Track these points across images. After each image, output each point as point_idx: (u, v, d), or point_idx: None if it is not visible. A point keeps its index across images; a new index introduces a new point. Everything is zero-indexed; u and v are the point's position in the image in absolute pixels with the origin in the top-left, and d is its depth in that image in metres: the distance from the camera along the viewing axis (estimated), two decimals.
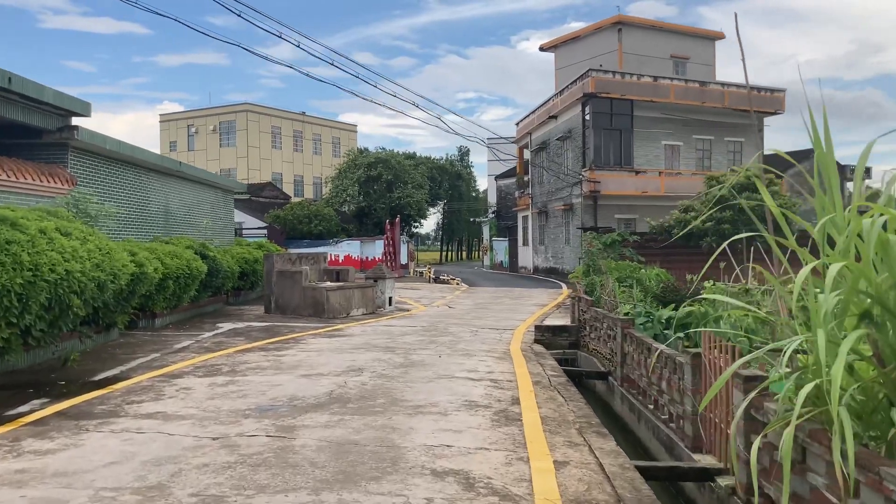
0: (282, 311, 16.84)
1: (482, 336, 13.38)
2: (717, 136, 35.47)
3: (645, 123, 33.37)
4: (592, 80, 31.24)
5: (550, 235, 38.07)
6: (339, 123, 77.96)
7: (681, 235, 25.91)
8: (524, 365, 10.14)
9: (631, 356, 9.49)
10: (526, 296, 24.55)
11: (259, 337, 12.91)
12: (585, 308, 12.79)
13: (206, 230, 19.94)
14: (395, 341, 12.36)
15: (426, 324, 15.31)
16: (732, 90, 34.39)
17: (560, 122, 36.30)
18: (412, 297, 23.61)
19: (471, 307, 19.92)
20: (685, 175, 33.83)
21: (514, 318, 16.80)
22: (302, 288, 16.48)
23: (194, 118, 68.99)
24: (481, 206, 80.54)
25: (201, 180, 21.41)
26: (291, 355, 10.68)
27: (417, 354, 10.84)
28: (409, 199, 49.35)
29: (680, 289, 21.39)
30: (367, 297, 17.46)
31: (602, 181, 31.52)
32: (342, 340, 12.42)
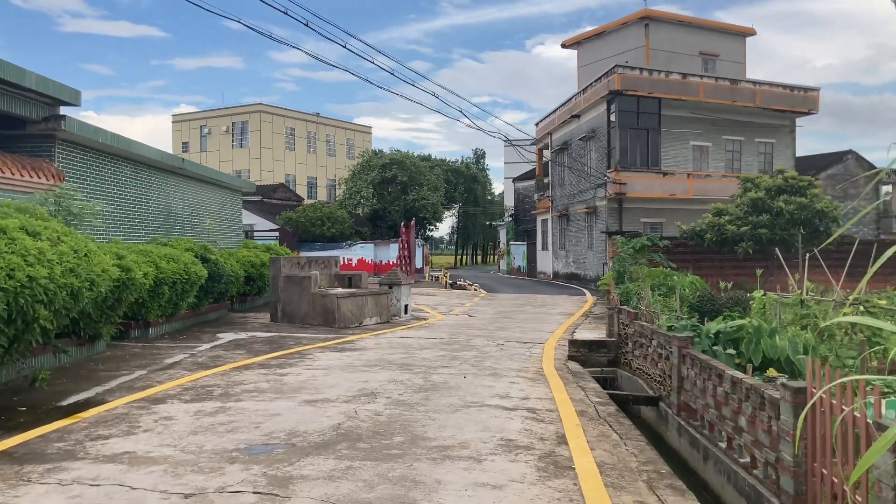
0: (289, 320, 15.54)
1: (509, 351, 12.00)
2: (748, 136, 33.89)
3: (672, 123, 31.86)
4: (619, 76, 29.79)
5: (572, 239, 36.60)
6: (353, 125, 76.83)
7: (714, 241, 24.48)
8: (563, 389, 8.77)
9: (691, 381, 8.09)
10: (550, 303, 23.13)
11: (261, 350, 11.60)
12: (627, 321, 11.39)
13: (210, 231, 18.69)
14: (412, 357, 11.01)
15: (446, 335, 13.95)
16: (764, 89, 32.82)
17: (583, 122, 34.85)
18: (429, 303, 22.26)
19: (492, 316, 18.54)
20: (715, 177, 32.28)
21: (541, 330, 15.41)
22: (311, 295, 15.17)
23: (207, 119, 68.07)
24: (497, 210, 79.13)
25: (207, 179, 20.18)
26: (295, 374, 9.35)
27: (439, 374, 9.48)
28: (424, 202, 48.02)
29: (716, 298, 19.94)
30: (381, 304, 16.13)
31: (628, 183, 30.04)
32: (353, 356, 11.09)
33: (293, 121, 68.30)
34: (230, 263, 16.54)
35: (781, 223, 23.49)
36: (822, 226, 23.81)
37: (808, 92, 33.82)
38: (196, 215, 19.19)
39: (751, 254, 23.87)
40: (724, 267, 27.14)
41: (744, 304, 19.11)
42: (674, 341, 8.73)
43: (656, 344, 9.66)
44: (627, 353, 11.33)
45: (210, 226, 18.39)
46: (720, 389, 7.02)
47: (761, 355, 9.97)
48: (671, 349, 8.87)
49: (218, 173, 20.99)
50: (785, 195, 23.85)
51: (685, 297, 19.06)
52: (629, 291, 16.20)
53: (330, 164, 71.58)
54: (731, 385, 6.70)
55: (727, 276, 26.61)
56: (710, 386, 7.34)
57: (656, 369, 9.67)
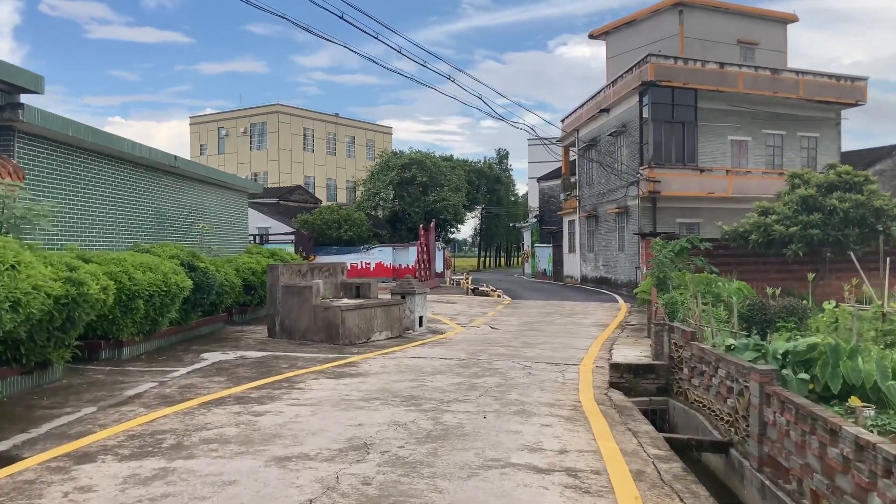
0: (288, 335, 13.79)
1: (539, 376, 10.13)
2: (790, 130, 31.62)
3: (709, 116, 29.72)
4: (651, 66, 27.73)
5: (601, 242, 34.56)
6: (373, 125, 75.27)
7: (760, 242, 22.37)
8: (609, 435, 6.89)
9: (781, 430, 6.17)
10: (580, 312, 21.18)
11: (245, 377, 9.84)
12: (682, 342, 9.46)
13: (205, 235, 17.02)
14: (422, 386, 9.18)
15: (464, 355, 12.10)
16: (808, 79, 30.54)
17: (612, 116, 32.80)
18: (447, 313, 20.42)
19: (517, 328, 16.66)
20: (755, 174, 30.07)
21: (573, 346, 13.51)
22: (312, 307, 13.41)
23: (224, 120, 66.89)
24: (521, 211, 77.12)
25: (205, 179, 18.56)
26: (275, 413, 7.56)
27: (452, 412, 7.64)
28: (445, 203, 46.17)
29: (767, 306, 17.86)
30: (391, 317, 14.33)
31: (662, 180, 27.95)
32: (352, 384, 9.28)
33: (312, 122, 66.89)
34: (225, 271, 14.85)
35: (835, 223, 21.31)
36: (881, 225, 21.59)
37: (856, 81, 31.49)
38: (193, 219, 17.55)
39: (801, 256, 21.74)
40: (767, 271, 24.99)
41: (800, 313, 17.08)
42: (752, 374, 6.82)
43: (724, 374, 7.74)
44: (682, 381, 9.40)
45: (204, 229, 16.72)
46: (833, 451, 5.11)
47: (841, 381, 8.07)
48: (747, 384, 6.97)
49: (218, 173, 19.36)
50: (838, 192, 21.66)
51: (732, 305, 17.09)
52: (675, 302, 14.23)
53: (350, 166, 70.05)
54: (856, 449, 4.79)
55: (772, 280, 24.45)
56: (815, 443, 5.43)
57: (724, 405, 7.75)
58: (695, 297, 13.38)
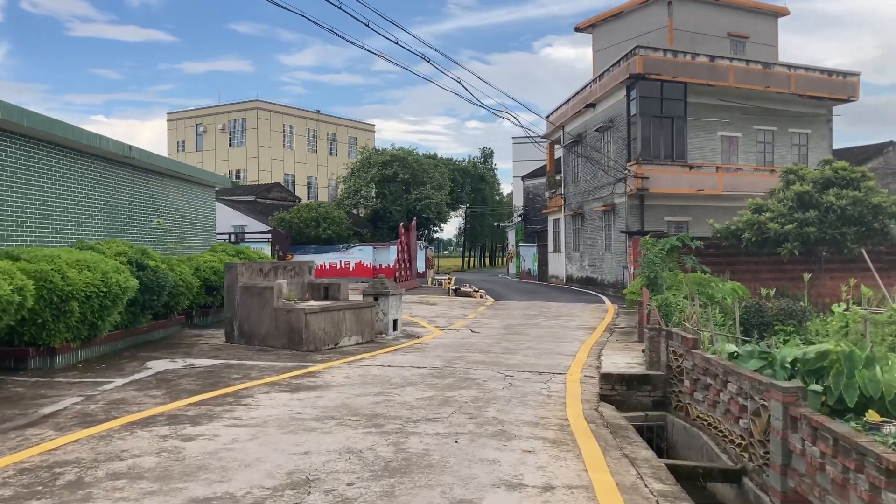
0: (247, 340, 12.59)
1: (520, 387, 9.01)
2: (781, 126, 30.74)
3: (699, 111, 28.75)
4: (640, 58, 26.70)
5: (587, 241, 33.52)
6: (355, 123, 73.90)
7: (753, 241, 21.42)
8: (603, 463, 5.79)
9: (813, 462, 5.10)
10: (566, 314, 20.10)
11: (188, 390, 8.65)
12: (682, 350, 8.37)
13: (162, 231, 15.78)
14: (388, 401, 8.03)
15: (440, 362, 10.96)
16: (800, 73, 29.65)
17: (599, 111, 31.77)
18: (426, 315, 19.27)
19: (499, 332, 15.55)
20: (746, 171, 29.14)
21: (559, 352, 12.41)
22: (273, 309, 12.22)
23: (203, 117, 65.29)
24: (505, 211, 76.11)
25: (166, 171, 17.30)
26: (208, 437, 6.39)
27: (419, 435, 6.51)
28: (427, 202, 44.97)
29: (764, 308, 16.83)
30: (362, 320, 13.16)
31: (651, 177, 26.92)
32: (307, 399, 8.12)
33: (292, 118, 65.44)
34: (180, 270, 13.63)
35: (831, 220, 20.40)
36: (878, 223, 20.71)
37: (848, 77, 30.66)
38: (151, 214, 16.30)
39: (796, 255, 20.80)
40: (760, 271, 24.07)
41: (798, 315, 16.11)
42: (772, 392, 5.74)
43: (735, 390, 6.66)
44: (682, 394, 8.32)
45: (159, 224, 15.47)
46: (892, 497, 4.03)
47: (857, 392, 7.03)
48: (766, 402, 5.89)
49: (181, 165, 18.10)
50: (835, 188, 20.76)
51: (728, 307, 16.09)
52: (669, 304, 13.17)
53: (331, 164, 68.65)
54: None
55: (764, 281, 23.49)
56: (864, 484, 4.35)
57: (735, 426, 6.68)
58: (690, 299, 12.34)
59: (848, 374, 7.24)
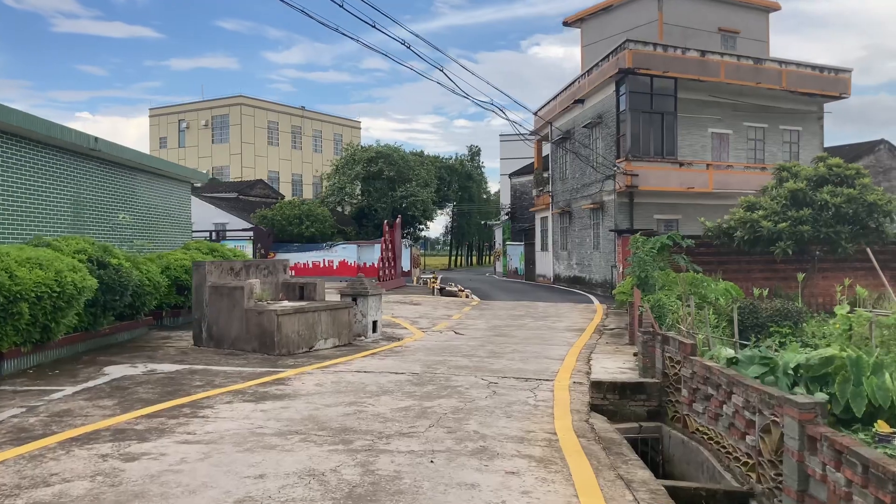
0: (216, 343, 11.87)
1: (505, 395, 8.36)
2: (772, 123, 30.27)
3: (689, 107, 28.22)
4: (629, 53, 26.12)
5: (575, 239, 32.94)
6: (341, 119, 73.04)
7: (746, 240, 20.87)
8: (595, 487, 5.16)
9: (835, 489, 4.47)
10: (553, 314, 19.48)
11: (143, 399, 7.94)
12: (679, 356, 7.74)
13: (128, 228, 15.03)
14: (360, 412, 7.36)
15: (420, 367, 10.29)
16: (791, 69, 29.18)
17: (588, 107, 31.18)
18: (409, 315, 18.59)
19: (484, 334, 14.89)
20: (737, 169, 28.66)
21: (546, 356, 11.76)
22: (243, 311, 11.51)
23: (185, 112, 64.24)
24: (493, 209, 75.53)
25: (137, 165, 16.54)
26: (153, 457, 5.69)
27: (391, 453, 5.84)
28: (413, 199, 44.26)
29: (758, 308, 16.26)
30: (339, 322, 12.46)
31: (640, 174, 26.34)
32: (272, 411, 7.43)
33: (276, 114, 64.51)
34: (147, 269, 12.88)
35: (826, 218, 19.87)
36: (873, 221, 20.20)
37: (840, 73, 30.23)
38: (119, 209, 15.54)
39: (790, 255, 20.27)
40: (751, 270, 23.58)
41: (794, 316, 15.56)
42: (786, 408, 5.11)
43: (741, 402, 6.03)
44: (679, 404, 7.69)
45: (125, 220, 14.70)
46: None
47: (865, 401, 6.50)
48: (779, 419, 5.26)
49: (153, 159, 17.32)
50: (829, 185, 20.23)
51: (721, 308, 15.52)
52: (662, 305, 12.55)
53: (316, 161, 67.78)
54: None
55: (756, 280, 22.99)
56: None
57: (740, 442, 6.05)
58: (685, 300, 11.74)
59: (855, 382, 6.69)
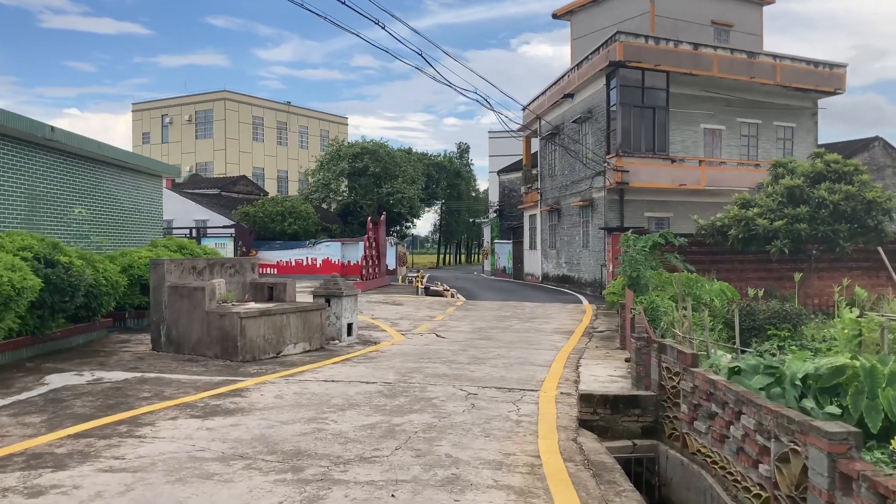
0: (176, 348, 10.99)
1: (485, 409, 7.54)
2: (765, 119, 29.60)
3: (681, 102, 27.49)
4: (620, 45, 25.35)
5: (564, 237, 32.17)
6: (328, 115, 72.02)
7: (741, 238, 20.15)
8: None
9: None
10: (541, 315, 18.68)
11: (78, 414, 7.07)
12: (678, 367, 6.94)
13: (85, 223, 14.11)
14: (319, 431, 6.52)
15: (394, 376, 9.45)
16: (786, 63, 28.50)
17: (577, 102, 30.40)
18: (389, 316, 17.75)
19: (467, 336, 14.07)
20: (730, 165, 27.97)
21: (532, 361, 10.95)
22: (204, 313, 10.63)
23: (168, 107, 63.08)
24: (481, 207, 74.78)
25: (100, 158, 15.60)
26: (63, 491, 4.84)
27: (346, 485, 5.00)
28: (399, 196, 43.40)
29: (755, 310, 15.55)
30: (310, 325, 11.60)
31: (631, 170, 25.58)
32: (219, 429, 6.57)
33: (261, 109, 63.45)
34: (103, 268, 11.97)
35: (823, 216, 19.18)
36: (872, 220, 19.52)
37: (835, 68, 29.58)
38: (81, 204, 14.61)
39: (785, 254, 19.55)
40: (745, 270, 22.88)
41: (793, 319, 14.82)
42: (810, 437, 4.30)
43: (752, 425, 5.22)
44: (679, 421, 6.89)
45: (80, 214, 13.77)
46: None
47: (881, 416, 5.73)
48: (801, 448, 4.46)
49: (118, 151, 16.38)
50: (827, 182, 19.55)
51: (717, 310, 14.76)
52: (656, 308, 11.76)
53: (303, 157, 66.72)
54: None
55: (750, 280, 22.27)
56: None
57: (751, 470, 5.25)
58: (680, 302, 10.95)
59: (870, 394, 5.91)
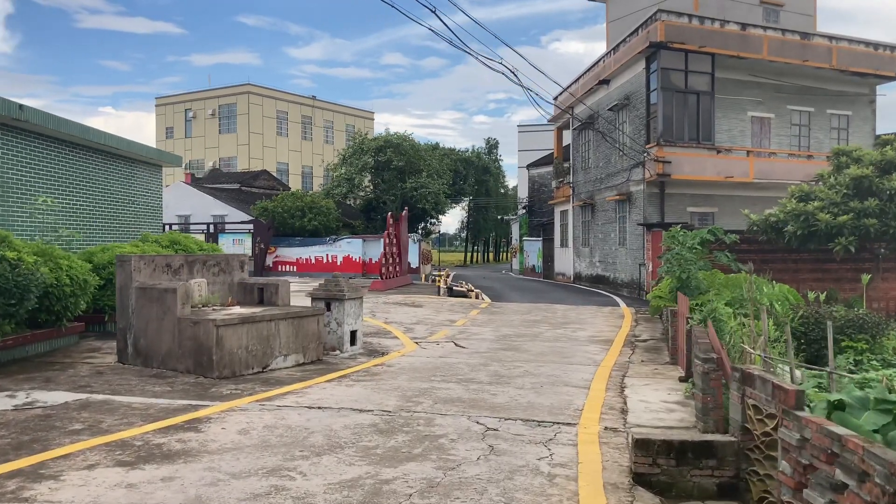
0: (145, 360, 9.32)
1: (506, 454, 5.71)
2: (818, 107, 27.28)
3: (727, 88, 25.32)
4: (662, 24, 23.28)
5: (598, 234, 30.13)
6: (354, 109, 70.52)
7: (800, 234, 18.02)
8: None
9: None
10: (574, 320, 16.76)
11: None
12: (773, 406, 5.02)
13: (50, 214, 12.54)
14: (276, 494, 4.75)
15: (395, 401, 7.66)
16: (843, 46, 26.15)
17: (613, 88, 28.33)
18: (405, 320, 15.97)
19: (490, 346, 12.23)
20: (780, 156, 25.73)
21: (567, 380, 9.08)
22: (176, 319, 8.94)
23: (192, 101, 62.06)
24: (510, 204, 72.76)
25: (82, 142, 14.07)
26: None
27: None
28: (424, 191, 41.61)
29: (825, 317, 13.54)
30: (305, 333, 9.87)
31: (673, 161, 23.48)
32: (142, 486, 4.83)
33: (286, 104, 62.13)
34: (68, 265, 10.35)
35: (895, 211, 16.98)
36: None
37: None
38: (58, 193, 13.07)
39: (851, 252, 17.39)
40: (799, 270, 20.72)
41: (872, 329, 12.76)
42: None
43: None
44: (775, 481, 4.98)
45: (46, 204, 12.18)
46: None
47: None
48: None
49: (104, 135, 14.81)
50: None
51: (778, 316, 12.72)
52: (720, 318, 9.78)
53: (327, 152, 65.30)
54: None
55: (805, 282, 20.12)
56: None
57: None
58: (751, 310, 8.98)
59: None
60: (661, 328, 15.30)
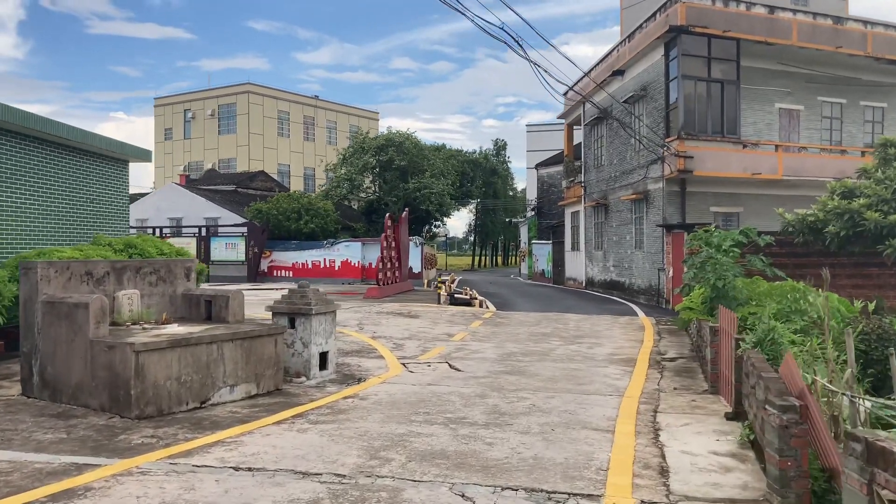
0: (53, 393, 7.43)
1: None
2: (851, 98, 25.23)
3: (753, 77, 23.31)
4: (682, 6, 21.30)
5: (612, 237, 28.11)
6: (357, 109, 68.68)
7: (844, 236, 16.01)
8: None
9: None
10: (589, 333, 14.76)
11: None
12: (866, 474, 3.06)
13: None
14: None
15: (356, 456, 5.72)
16: (878, 31, 24.11)
17: (628, 79, 26.35)
18: (396, 334, 14.03)
19: (490, 369, 10.27)
20: (812, 151, 23.68)
21: (583, 419, 7.14)
22: (88, 343, 7.04)
23: (191, 101, 60.39)
24: (519, 206, 70.76)
25: (32, 133, 12.26)
26: None
27: None
28: (427, 191, 39.67)
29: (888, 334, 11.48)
30: (259, 358, 7.95)
31: (695, 156, 21.45)
32: None
33: (287, 103, 60.36)
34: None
35: None
36: None
37: None
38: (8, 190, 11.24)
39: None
40: (837, 276, 18.56)
41: None
42: None
43: None
44: None
45: None
46: None
47: None
48: None
49: (54, 125, 12.95)
50: None
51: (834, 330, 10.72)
52: (778, 340, 7.79)
53: (330, 154, 63.35)
54: None
55: (844, 288, 18.00)
56: None
57: None
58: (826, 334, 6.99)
59: None
60: (688, 343, 13.34)
